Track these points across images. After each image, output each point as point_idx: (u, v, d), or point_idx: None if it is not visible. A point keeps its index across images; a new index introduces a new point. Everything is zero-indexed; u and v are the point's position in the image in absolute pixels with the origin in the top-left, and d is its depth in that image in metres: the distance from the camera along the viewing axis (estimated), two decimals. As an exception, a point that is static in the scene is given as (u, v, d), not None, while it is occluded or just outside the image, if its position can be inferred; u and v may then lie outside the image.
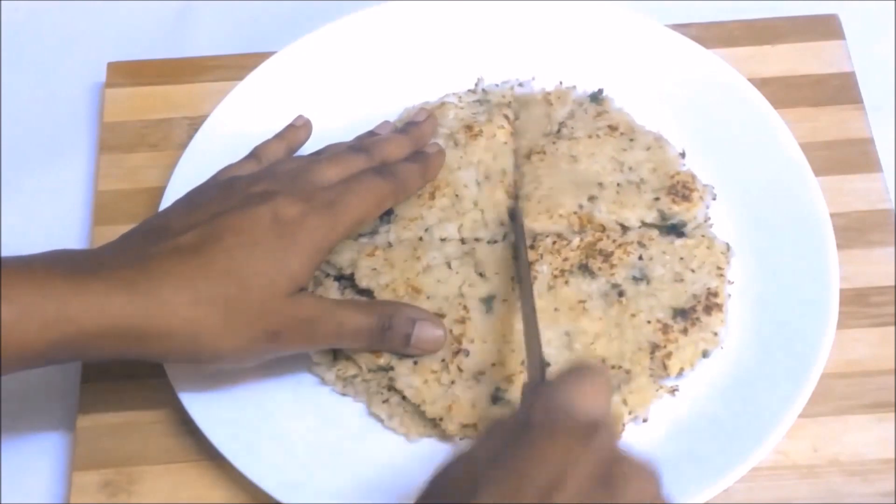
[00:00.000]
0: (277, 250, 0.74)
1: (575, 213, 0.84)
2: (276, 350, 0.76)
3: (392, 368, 0.79)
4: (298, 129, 0.88)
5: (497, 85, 0.93)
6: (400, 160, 0.84)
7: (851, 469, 0.79)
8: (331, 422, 0.80)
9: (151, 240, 0.74)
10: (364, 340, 0.78)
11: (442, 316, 0.80)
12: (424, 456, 0.78)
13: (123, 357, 0.73)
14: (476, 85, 0.93)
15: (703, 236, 0.84)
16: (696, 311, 0.80)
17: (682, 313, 0.80)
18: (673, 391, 0.80)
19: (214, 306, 0.72)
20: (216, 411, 0.78)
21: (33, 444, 0.83)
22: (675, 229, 0.84)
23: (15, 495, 0.81)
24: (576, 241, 0.83)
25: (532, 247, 0.83)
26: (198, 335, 0.72)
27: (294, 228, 0.75)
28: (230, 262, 0.73)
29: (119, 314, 0.70)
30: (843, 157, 0.90)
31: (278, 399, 0.80)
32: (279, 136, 0.87)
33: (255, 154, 0.85)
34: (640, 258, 0.82)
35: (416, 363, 0.79)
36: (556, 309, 0.80)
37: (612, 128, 0.89)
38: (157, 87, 0.96)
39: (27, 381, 0.84)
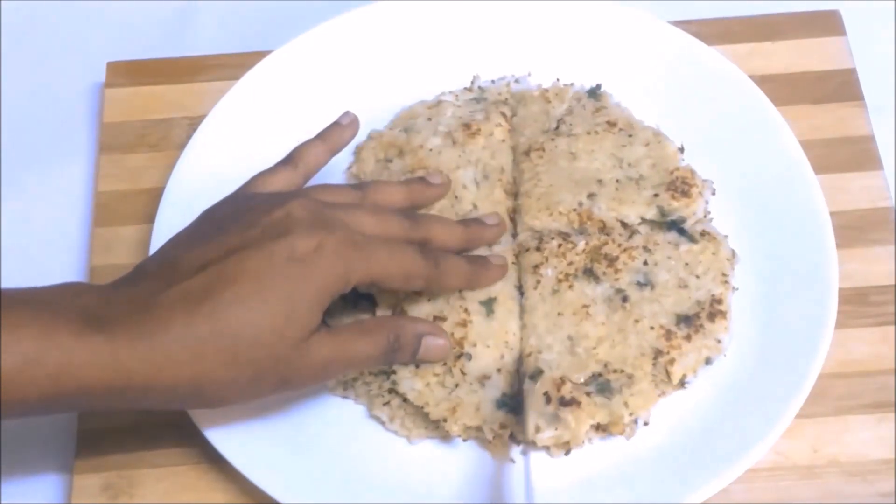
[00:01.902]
0: (289, 293, 0.70)
1: (574, 210, 0.84)
2: (285, 391, 0.74)
3: (394, 372, 0.79)
4: (344, 128, 0.83)
5: (493, 82, 0.93)
6: (448, 250, 0.80)
7: (851, 469, 0.79)
8: (332, 424, 0.80)
9: (161, 283, 0.70)
10: (374, 364, 0.77)
11: (443, 319, 0.80)
12: (425, 458, 0.79)
13: (127, 409, 0.71)
14: (472, 82, 0.93)
15: (708, 242, 0.83)
16: (700, 317, 0.80)
17: (685, 320, 0.80)
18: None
19: (221, 359, 0.69)
20: (217, 414, 0.78)
21: (34, 447, 0.83)
22: (674, 225, 0.84)
23: (16, 498, 0.81)
24: (581, 244, 0.83)
25: (538, 249, 0.83)
26: (202, 388, 0.70)
27: (308, 265, 0.71)
28: (240, 311, 0.69)
29: (122, 369, 0.67)
30: (844, 155, 0.90)
31: (279, 402, 0.80)
32: (321, 138, 0.83)
33: (292, 159, 0.81)
34: (645, 263, 0.82)
35: (417, 366, 0.79)
36: (559, 313, 0.80)
37: (611, 124, 0.89)
38: (157, 87, 0.96)
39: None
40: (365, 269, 0.73)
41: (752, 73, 0.91)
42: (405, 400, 0.79)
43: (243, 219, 0.73)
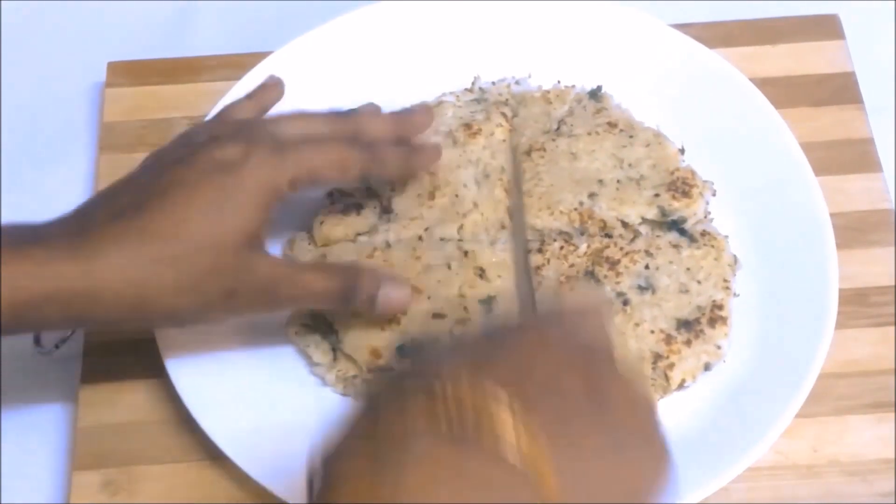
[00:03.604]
0: (220, 198, 0.72)
1: (576, 209, 0.84)
2: (234, 309, 0.74)
3: (391, 369, 0.79)
4: (269, 87, 0.84)
5: (493, 83, 0.93)
6: (381, 140, 0.81)
7: (851, 469, 0.79)
8: (332, 422, 0.80)
9: (95, 208, 0.73)
10: (329, 303, 0.77)
11: (442, 317, 0.80)
12: (424, 456, 0.78)
13: (78, 324, 0.72)
14: (473, 83, 0.93)
15: (710, 245, 0.83)
16: (701, 323, 0.80)
17: (685, 325, 0.80)
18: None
19: (163, 264, 0.70)
20: (217, 411, 0.78)
21: (33, 443, 0.83)
22: (675, 225, 0.84)
23: (15, 495, 0.81)
24: (583, 247, 0.83)
25: (539, 251, 0.83)
26: (146, 296, 0.70)
27: (236, 171, 0.72)
28: (175, 216, 0.71)
29: (62, 279, 0.69)
30: (844, 157, 0.90)
31: (279, 399, 0.80)
32: (249, 96, 0.84)
33: (220, 115, 0.83)
34: (647, 267, 0.82)
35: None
36: (560, 316, 0.80)
37: (612, 124, 0.89)
38: (157, 87, 0.96)
39: (27, 381, 0.84)
40: (294, 168, 0.74)
41: (752, 76, 0.91)
42: (405, 398, 0.79)
43: (171, 148, 0.76)
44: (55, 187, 0.94)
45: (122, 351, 0.83)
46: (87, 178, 0.94)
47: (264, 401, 0.80)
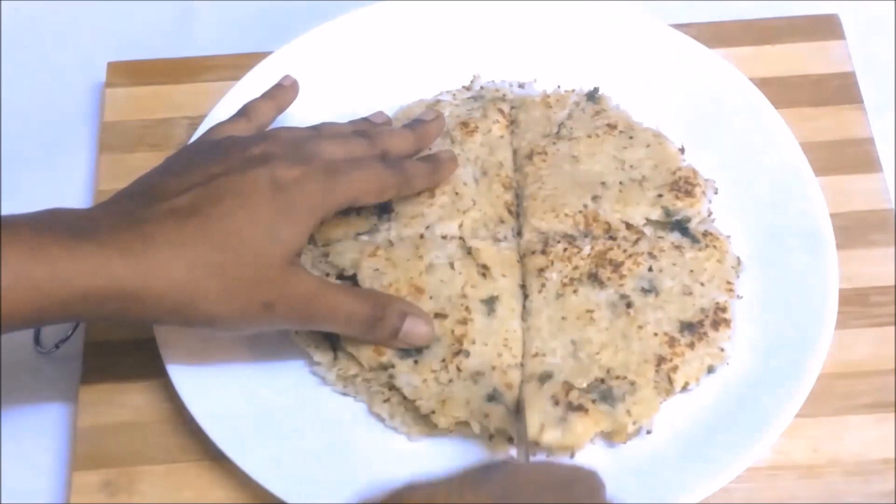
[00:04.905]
0: (274, 215, 0.74)
1: (580, 211, 0.84)
2: (269, 321, 0.75)
3: (393, 366, 0.79)
4: (286, 88, 0.86)
5: (493, 82, 0.93)
6: (405, 155, 0.84)
7: (851, 469, 0.79)
8: (332, 421, 0.80)
9: (146, 202, 0.73)
10: (355, 327, 0.78)
11: (444, 317, 0.80)
12: (426, 455, 0.78)
13: (119, 319, 0.72)
14: (472, 83, 0.93)
15: (713, 247, 0.83)
16: (704, 325, 0.80)
17: (689, 327, 0.80)
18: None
19: (210, 270, 0.72)
20: (217, 411, 0.78)
21: (33, 443, 0.83)
22: (679, 226, 0.84)
23: (15, 495, 0.81)
24: (587, 248, 0.83)
25: (543, 252, 0.83)
26: (193, 298, 0.72)
27: (292, 192, 0.74)
28: (228, 225, 0.72)
29: (114, 276, 0.70)
30: (844, 157, 0.90)
31: (280, 399, 0.80)
32: (268, 96, 0.86)
33: (244, 113, 0.84)
34: (650, 269, 0.82)
35: (416, 362, 0.79)
36: (563, 317, 0.80)
37: (611, 126, 0.89)
38: (157, 87, 0.97)
39: (27, 380, 0.84)
40: (343, 192, 0.77)
41: (752, 77, 0.91)
42: (405, 397, 0.79)
43: (222, 152, 0.77)
44: (55, 187, 0.94)
45: (122, 351, 0.83)
46: (87, 178, 0.94)
47: (264, 400, 0.80)
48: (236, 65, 0.94)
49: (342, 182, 0.77)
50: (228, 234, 0.72)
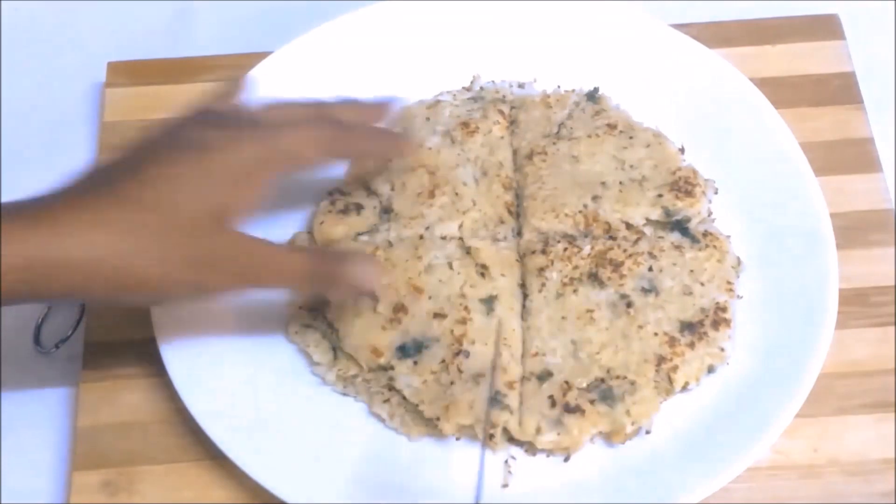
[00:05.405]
0: (195, 174, 0.73)
1: (580, 211, 0.84)
2: (207, 285, 0.74)
3: (392, 368, 0.79)
4: (241, 84, 0.85)
5: (493, 82, 0.93)
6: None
7: (851, 469, 0.79)
8: (332, 422, 0.80)
9: (71, 183, 0.74)
10: (301, 283, 0.77)
11: (443, 316, 0.80)
12: (425, 455, 0.79)
13: (60, 295, 0.71)
14: (472, 83, 0.93)
15: (713, 247, 0.83)
16: (704, 325, 0.80)
17: (689, 327, 0.80)
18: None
19: (132, 234, 0.71)
20: (217, 410, 0.78)
21: (33, 444, 0.83)
22: (679, 226, 0.84)
23: (15, 495, 0.81)
24: (587, 248, 0.83)
25: (543, 252, 0.83)
26: (127, 262, 0.71)
27: (221, 152, 0.74)
28: (149, 191, 0.72)
29: (38, 248, 0.69)
30: (843, 157, 0.90)
31: (280, 399, 0.80)
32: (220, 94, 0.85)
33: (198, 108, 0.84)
34: (650, 269, 0.82)
35: (415, 363, 0.79)
36: (563, 317, 0.80)
37: (611, 126, 0.89)
38: (157, 87, 0.97)
39: (27, 381, 0.84)
40: (279, 148, 0.77)
41: (752, 76, 0.91)
42: (405, 398, 0.79)
43: (160, 135, 0.77)
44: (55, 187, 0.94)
45: (122, 351, 0.83)
46: (86, 178, 0.94)
47: (264, 401, 0.80)
48: (236, 65, 0.94)
49: (274, 140, 0.76)
50: (147, 196, 0.72)
